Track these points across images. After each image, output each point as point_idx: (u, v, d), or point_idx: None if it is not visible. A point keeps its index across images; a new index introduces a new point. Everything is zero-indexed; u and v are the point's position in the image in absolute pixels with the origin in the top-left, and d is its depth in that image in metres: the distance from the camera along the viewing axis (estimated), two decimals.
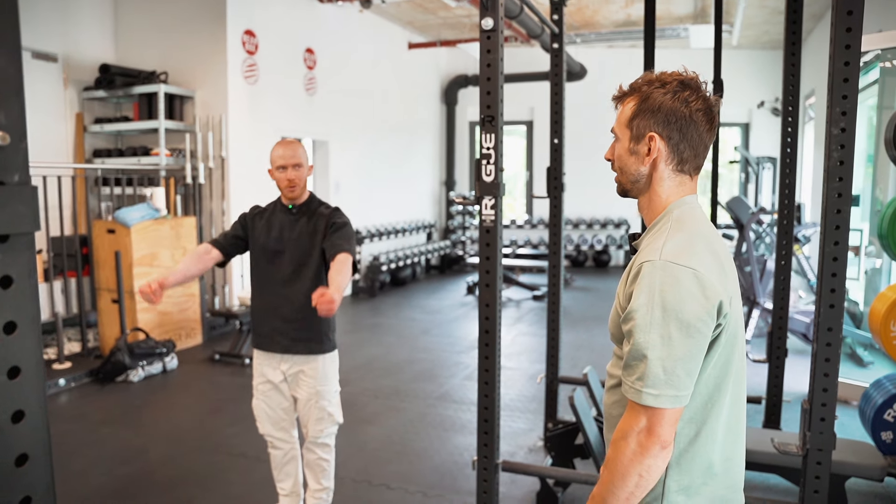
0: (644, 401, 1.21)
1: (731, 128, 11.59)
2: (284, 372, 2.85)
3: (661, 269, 1.22)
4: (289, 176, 2.75)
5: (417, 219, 10.96)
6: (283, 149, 2.77)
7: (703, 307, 1.21)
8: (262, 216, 2.88)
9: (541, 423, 4.22)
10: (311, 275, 2.78)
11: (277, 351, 2.83)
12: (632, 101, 1.35)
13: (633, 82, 1.38)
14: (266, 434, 2.96)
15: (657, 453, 1.21)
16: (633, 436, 1.22)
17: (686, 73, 1.35)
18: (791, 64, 3.37)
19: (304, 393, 2.84)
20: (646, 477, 1.23)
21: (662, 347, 1.20)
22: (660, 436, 1.21)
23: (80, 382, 5.14)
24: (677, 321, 1.20)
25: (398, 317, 7.77)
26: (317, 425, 2.87)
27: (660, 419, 1.21)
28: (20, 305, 0.71)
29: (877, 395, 3.56)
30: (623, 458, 1.23)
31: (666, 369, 1.19)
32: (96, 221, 5.90)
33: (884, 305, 3.49)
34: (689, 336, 1.20)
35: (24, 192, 0.69)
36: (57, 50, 6.41)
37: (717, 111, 1.34)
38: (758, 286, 6.12)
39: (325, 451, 2.95)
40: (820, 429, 2.24)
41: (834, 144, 2.11)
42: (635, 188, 1.39)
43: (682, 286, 1.20)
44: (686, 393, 1.22)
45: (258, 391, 2.92)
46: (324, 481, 2.98)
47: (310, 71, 8.04)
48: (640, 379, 1.21)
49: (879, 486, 3.40)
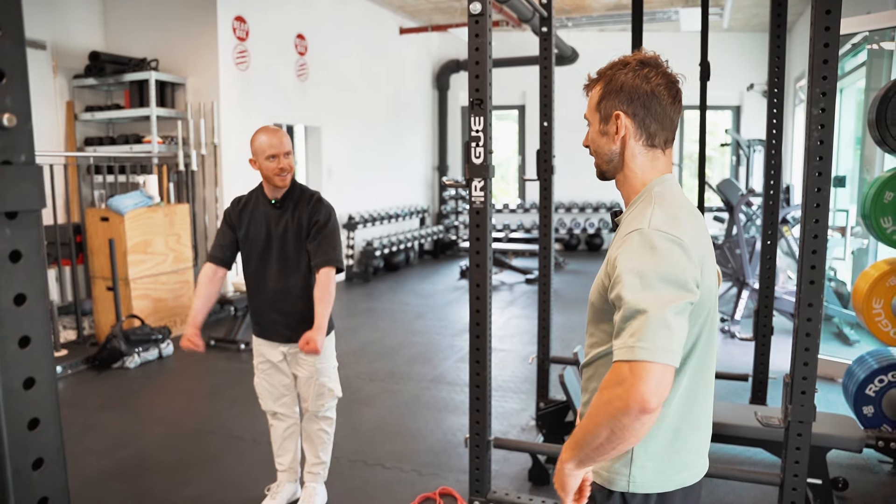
0: (638, 355, 1.15)
1: (722, 111, 11.64)
2: (284, 353, 2.92)
3: (650, 236, 1.25)
4: (281, 165, 2.72)
5: (410, 204, 10.99)
6: (269, 136, 2.73)
7: (690, 274, 1.25)
8: (246, 210, 2.86)
9: (533, 403, 4.29)
10: (301, 268, 2.82)
11: (278, 341, 2.90)
12: (598, 86, 1.42)
13: (599, 69, 1.44)
14: (268, 410, 3.03)
15: (636, 416, 1.15)
16: (616, 390, 1.17)
17: (645, 53, 1.41)
18: (776, 46, 3.41)
19: (305, 371, 2.91)
20: (619, 435, 1.18)
21: (655, 303, 1.19)
22: (642, 395, 1.13)
23: (76, 370, 5.18)
24: (668, 281, 1.21)
25: (392, 301, 7.82)
26: (318, 400, 2.95)
27: (646, 376, 1.14)
28: (29, 278, 0.75)
29: (859, 370, 3.65)
30: (600, 409, 1.19)
31: (662, 323, 1.17)
32: (89, 209, 5.91)
33: (866, 283, 3.56)
34: (680, 297, 1.21)
35: (30, 170, 0.73)
36: (45, 37, 6.38)
37: (679, 86, 1.39)
38: (747, 267, 6.19)
39: (326, 423, 3.03)
40: (801, 402, 2.31)
41: (814, 124, 2.16)
42: (611, 168, 1.44)
43: (672, 252, 1.24)
44: (678, 350, 1.18)
45: (259, 370, 2.99)
46: (322, 454, 3.04)
47: (301, 57, 8.03)
48: (632, 335, 1.17)
49: (860, 457, 3.49)
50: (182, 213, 6.27)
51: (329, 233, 2.79)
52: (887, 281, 3.48)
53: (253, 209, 2.85)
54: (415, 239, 10.27)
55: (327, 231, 2.78)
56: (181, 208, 6.28)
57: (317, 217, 2.78)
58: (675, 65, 1.44)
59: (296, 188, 2.85)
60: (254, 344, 3.00)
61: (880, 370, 3.54)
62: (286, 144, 2.74)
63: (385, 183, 10.22)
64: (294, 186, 2.85)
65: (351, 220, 9.07)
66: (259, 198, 2.86)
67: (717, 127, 11.94)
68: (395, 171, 10.56)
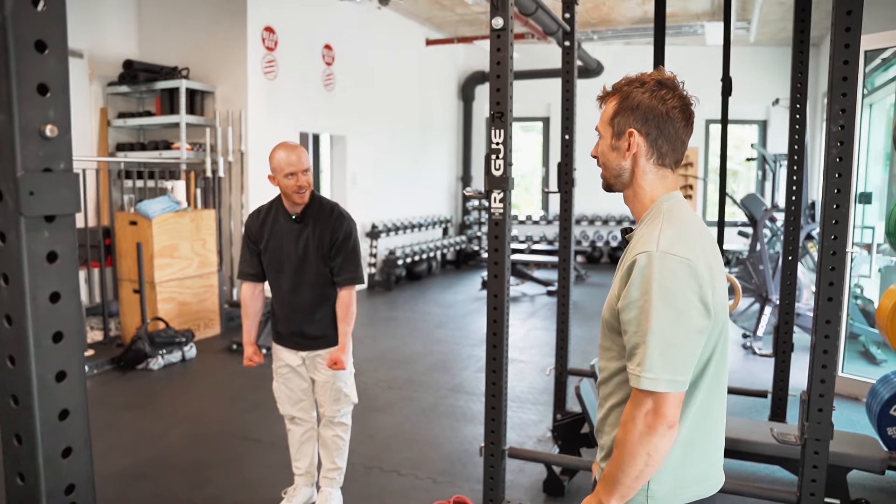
0: (643, 385, 1.26)
1: (748, 125, 11.55)
2: (303, 357, 2.98)
3: (658, 260, 1.28)
4: (299, 182, 2.75)
5: (433, 214, 11.05)
6: (287, 153, 2.75)
7: (698, 295, 1.28)
8: (266, 224, 2.90)
9: (550, 415, 4.29)
10: (321, 282, 2.88)
11: (297, 349, 2.97)
12: (613, 101, 1.43)
13: (616, 83, 1.46)
14: (286, 414, 3.08)
15: (664, 433, 1.27)
16: (641, 417, 1.28)
17: (663, 73, 1.43)
18: (799, 62, 3.41)
19: (322, 376, 2.96)
20: (654, 456, 1.29)
21: (659, 334, 1.25)
22: (665, 416, 1.27)
23: (101, 370, 5.30)
24: (673, 309, 1.26)
25: (413, 310, 7.86)
26: (334, 405, 2.99)
27: (664, 401, 1.26)
28: (64, 278, 0.80)
29: (883, 390, 3.60)
30: (632, 439, 1.29)
31: (663, 354, 1.25)
32: (119, 213, 6.05)
33: (891, 301, 3.52)
34: (685, 323, 1.26)
35: (68, 178, 0.78)
36: (82, 46, 6.57)
37: (693, 108, 1.42)
38: (770, 283, 6.13)
39: (342, 429, 3.07)
40: (818, 419, 2.30)
41: (833, 141, 2.16)
42: (618, 182, 1.46)
43: (678, 275, 1.27)
44: (683, 378, 1.28)
45: (278, 374, 3.05)
46: (337, 460, 3.08)
47: (328, 67, 8.15)
48: (639, 364, 1.27)
49: (884, 479, 3.44)
50: (208, 219, 6.39)
51: (351, 250, 2.85)
52: None
53: (273, 223, 2.89)
54: (437, 249, 10.32)
55: (349, 248, 2.84)
56: (207, 214, 6.40)
57: (338, 234, 2.83)
58: (700, 79, 1.46)
59: (315, 201, 2.88)
60: (273, 349, 3.06)
61: None
62: (304, 162, 2.76)
63: (409, 192, 10.29)
64: (313, 199, 2.87)
65: (374, 228, 9.14)
66: (279, 210, 2.89)
67: (744, 142, 11.84)
68: (418, 180, 10.63)
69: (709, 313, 1.30)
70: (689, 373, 1.29)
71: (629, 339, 1.31)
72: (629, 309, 1.30)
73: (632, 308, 1.30)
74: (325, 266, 2.85)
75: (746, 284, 6.35)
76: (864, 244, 5.78)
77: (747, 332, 6.45)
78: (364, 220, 8.99)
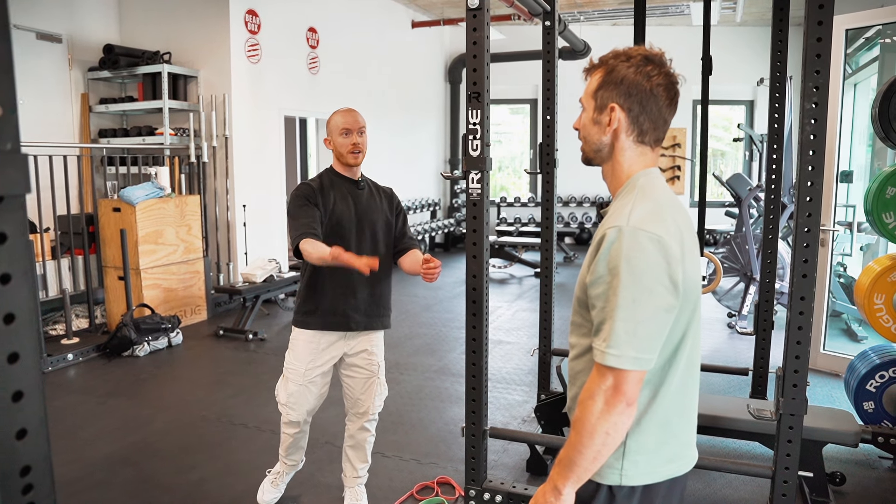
0: (607, 361, 1.25)
1: (736, 105, 11.56)
2: (347, 352, 2.81)
3: (628, 235, 1.26)
4: (354, 140, 2.70)
5: (421, 196, 11.03)
6: (343, 114, 2.72)
7: (666, 272, 1.26)
8: (330, 190, 2.73)
9: (536, 396, 4.32)
10: (386, 251, 2.80)
11: (354, 329, 2.77)
12: (598, 74, 1.41)
13: (602, 56, 1.43)
14: (297, 420, 2.86)
15: (623, 410, 1.25)
16: (600, 394, 1.26)
17: (651, 48, 1.41)
18: (779, 41, 3.41)
19: (366, 371, 2.85)
20: (612, 434, 1.26)
21: (626, 310, 1.24)
22: (625, 393, 1.25)
23: (87, 357, 5.28)
24: (641, 286, 1.24)
25: (401, 293, 7.87)
26: (378, 398, 2.89)
27: (625, 378, 1.25)
28: (14, 259, 0.80)
29: (861, 366, 3.65)
30: (591, 416, 1.27)
31: (628, 331, 1.24)
32: (102, 200, 6.01)
33: (868, 278, 3.55)
34: (652, 300, 1.25)
35: (16, 158, 0.77)
36: (61, 31, 6.48)
37: (678, 87, 1.39)
38: (755, 262, 6.17)
39: (374, 425, 2.95)
40: (792, 394, 2.32)
41: (807, 118, 2.17)
42: (598, 157, 1.44)
43: (647, 252, 1.25)
44: (649, 356, 1.26)
45: (306, 378, 2.78)
46: (369, 457, 3.01)
47: (312, 50, 8.08)
48: (604, 340, 1.26)
49: (860, 452, 3.50)
50: (193, 205, 6.36)
51: (407, 221, 2.92)
52: (888, 276, 3.47)
53: (336, 190, 2.74)
54: (426, 231, 10.32)
55: (407, 220, 2.92)
56: (192, 199, 6.37)
57: (398, 202, 2.89)
58: (687, 59, 1.44)
59: (362, 175, 2.84)
60: (304, 347, 2.77)
61: (881, 366, 3.54)
62: (360, 121, 2.73)
63: (396, 175, 10.24)
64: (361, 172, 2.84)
65: None
66: (334, 180, 2.76)
67: (732, 122, 11.86)
68: (406, 163, 10.59)
69: (677, 291, 1.28)
70: (654, 351, 1.27)
71: (597, 315, 1.30)
72: (597, 284, 1.29)
73: (600, 283, 1.29)
74: (391, 233, 2.84)
75: (732, 264, 6.39)
76: (847, 223, 5.82)
77: (732, 312, 6.50)
78: None
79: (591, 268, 1.32)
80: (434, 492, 3.19)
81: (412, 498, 3.15)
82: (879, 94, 3.35)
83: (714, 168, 11.97)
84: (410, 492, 3.18)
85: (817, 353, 4.85)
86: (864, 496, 3.13)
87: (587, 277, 1.33)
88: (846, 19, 4.49)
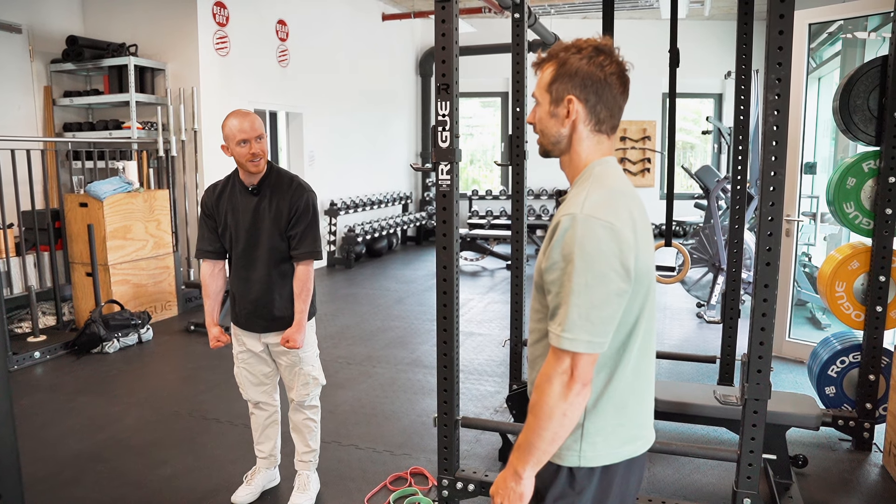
0: (561, 345, 1.28)
1: (705, 99, 11.72)
2: (266, 343, 2.89)
3: (581, 223, 1.29)
4: (252, 150, 2.62)
5: (393, 190, 11.01)
6: (240, 121, 2.63)
7: (619, 258, 1.29)
8: (223, 198, 2.78)
9: (507, 386, 4.36)
10: (280, 256, 2.76)
11: (257, 331, 2.86)
12: (550, 67, 1.43)
13: (551, 49, 1.46)
14: (250, 399, 3.01)
15: (579, 391, 1.30)
16: (556, 377, 1.30)
17: (599, 39, 1.44)
18: (744, 34, 3.47)
19: (287, 360, 2.87)
20: (569, 415, 1.31)
21: (579, 295, 1.27)
22: (580, 375, 1.29)
23: (55, 355, 5.20)
24: (594, 271, 1.27)
25: (373, 287, 7.87)
26: (302, 389, 2.92)
27: (579, 361, 1.29)
28: None
29: (823, 352, 3.74)
30: (548, 399, 1.30)
31: (581, 315, 1.27)
32: (68, 195, 5.90)
33: (830, 267, 3.64)
34: (605, 285, 1.28)
35: None
36: (21, 21, 6.34)
37: (628, 74, 1.42)
38: (723, 253, 6.28)
39: (312, 412, 3.01)
40: (757, 380, 2.38)
41: (770, 110, 2.22)
42: (556, 149, 1.47)
43: (601, 239, 1.28)
44: (602, 340, 1.30)
45: (239, 359, 2.95)
46: (311, 443, 3.03)
47: (282, 43, 8.01)
48: (559, 325, 1.29)
49: (822, 436, 3.59)
50: (162, 199, 6.27)
51: (310, 222, 2.73)
52: (849, 264, 3.56)
53: (230, 197, 2.77)
54: (397, 225, 10.31)
55: (308, 220, 2.72)
56: (161, 194, 6.28)
57: (297, 204, 2.71)
58: (656, 52, 1.47)
59: (272, 172, 2.75)
60: (233, 331, 2.95)
61: (842, 351, 3.63)
62: (258, 128, 2.64)
63: (368, 169, 10.23)
64: (271, 170, 2.75)
65: (333, 206, 9.08)
66: (235, 184, 2.76)
67: (701, 115, 12.02)
68: (377, 157, 10.56)
69: (629, 276, 1.31)
70: (607, 334, 1.31)
71: (552, 300, 1.33)
72: (552, 270, 1.32)
73: (554, 269, 1.32)
74: (283, 240, 2.73)
75: (701, 255, 6.49)
76: (811, 213, 5.95)
77: (701, 302, 6.61)
78: (323, 197, 8.91)
79: (546, 254, 1.35)
80: (407, 482, 3.20)
81: (386, 489, 3.16)
82: (840, 87, 3.43)
83: (683, 160, 12.14)
84: (384, 483, 3.19)
85: (783, 341, 4.96)
86: (825, 477, 3.22)
87: (543, 263, 1.36)
88: (809, 14, 4.57)
